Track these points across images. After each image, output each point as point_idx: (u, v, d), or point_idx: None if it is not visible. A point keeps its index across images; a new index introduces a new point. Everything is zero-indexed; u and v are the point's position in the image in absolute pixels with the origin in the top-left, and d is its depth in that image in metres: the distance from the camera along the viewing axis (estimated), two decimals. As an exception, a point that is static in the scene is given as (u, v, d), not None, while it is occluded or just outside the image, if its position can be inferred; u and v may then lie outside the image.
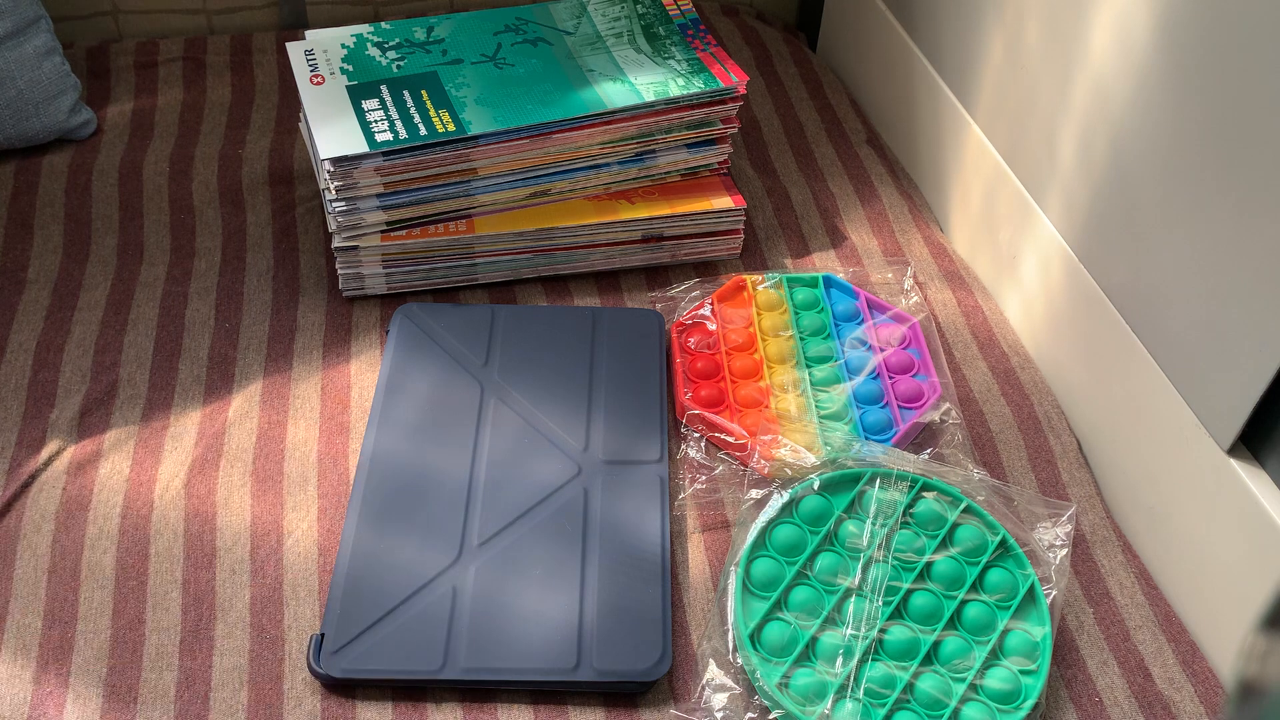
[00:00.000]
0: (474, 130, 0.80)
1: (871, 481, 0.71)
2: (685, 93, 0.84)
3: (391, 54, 0.87)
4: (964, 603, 0.66)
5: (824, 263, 0.91)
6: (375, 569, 0.65)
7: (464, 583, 0.65)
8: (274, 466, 0.74)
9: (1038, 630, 0.65)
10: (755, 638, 0.64)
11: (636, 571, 0.66)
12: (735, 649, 0.64)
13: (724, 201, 0.88)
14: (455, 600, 0.64)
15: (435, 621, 0.63)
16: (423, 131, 0.79)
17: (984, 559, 0.68)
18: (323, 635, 0.63)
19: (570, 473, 0.71)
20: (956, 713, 0.62)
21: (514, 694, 0.64)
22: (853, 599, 0.66)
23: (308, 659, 0.62)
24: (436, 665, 0.62)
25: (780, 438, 0.74)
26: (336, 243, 0.82)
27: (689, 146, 0.88)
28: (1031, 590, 0.67)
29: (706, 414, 0.76)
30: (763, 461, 0.73)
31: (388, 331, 0.81)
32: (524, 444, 0.73)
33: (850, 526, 0.69)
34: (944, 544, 0.69)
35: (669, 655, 0.63)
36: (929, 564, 0.68)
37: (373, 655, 0.62)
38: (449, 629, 0.63)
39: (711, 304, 0.84)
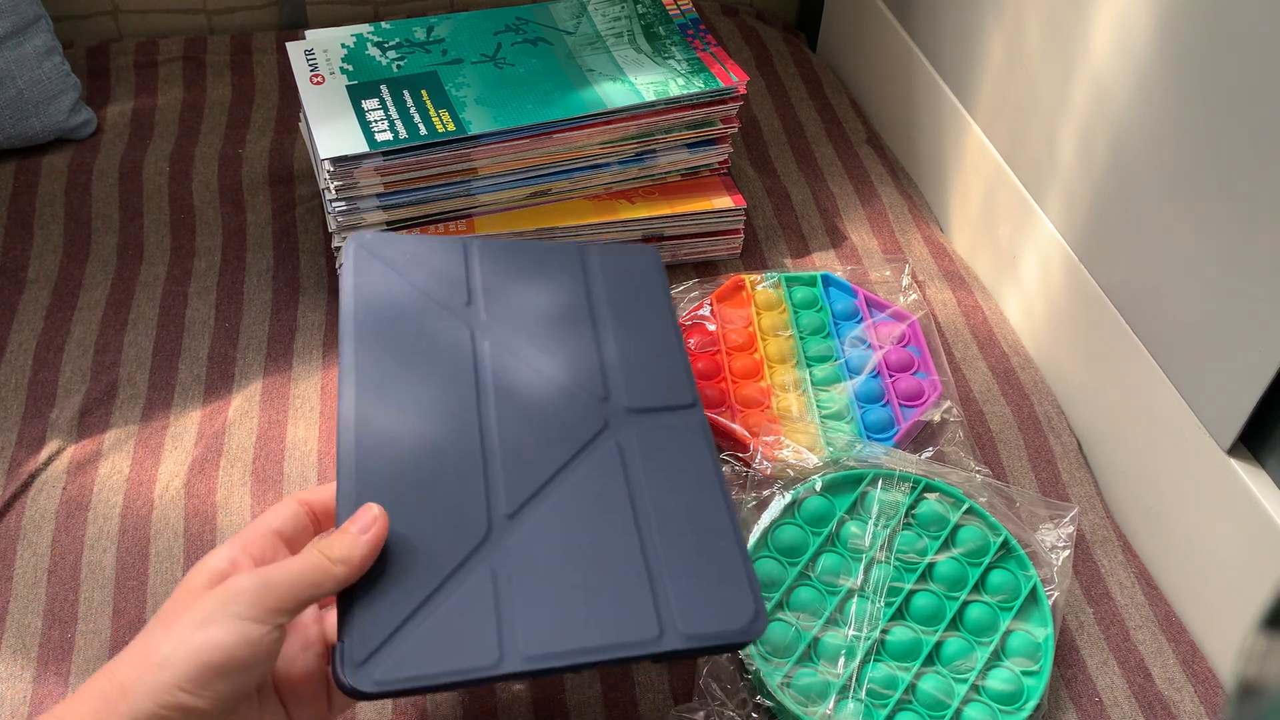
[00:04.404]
0: (474, 130, 0.80)
1: (874, 482, 0.71)
2: (685, 92, 0.84)
3: (391, 54, 0.87)
4: (966, 604, 0.66)
5: (824, 262, 0.91)
6: (389, 559, 0.53)
7: (502, 561, 0.54)
8: (274, 466, 0.74)
9: (1040, 631, 0.65)
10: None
11: (700, 526, 0.57)
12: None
13: (724, 201, 0.88)
14: (497, 581, 0.53)
15: (479, 609, 0.52)
16: (423, 131, 0.79)
17: (986, 560, 0.68)
18: (341, 643, 0.49)
19: (596, 426, 0.60)
20: (958, 713, 0.62)
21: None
22: (855, 599, 0.66)
23: (333, 673, 0.49)
24: (493, 659, 0.50)
25: (782, 438, 0.74)
26: (336, 243, 0.82)
27: (689, 146, 0.88)
28: (1034, 591, 0.67)
29: (708, 415, 0.76)
30: (765, 463, 0.73)
31: (339, 266, 0.67)
32: (535, 396, 0.61)
33: (852, 527, 0.69)
34: (946, 545, 0.69)
35: (763, 612, 0.54)
36: (931, 565, 0.68)
37: (410, 660, 0.50)
38: (497, 615, 0.52)
39: (710, 304, 0.84)
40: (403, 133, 0.79)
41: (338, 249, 0.82)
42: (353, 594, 0.51)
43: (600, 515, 0.57)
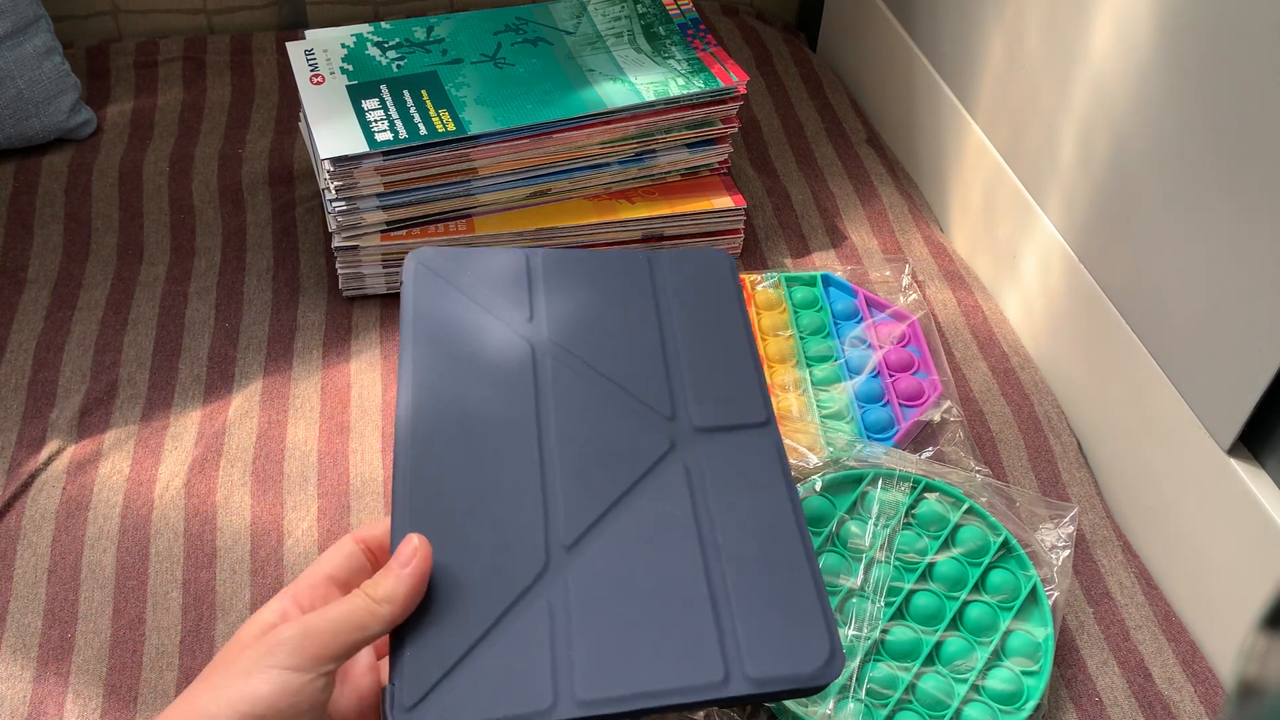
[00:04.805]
0: (474, 130, 0.80)
1: (874, 482, 0.71)
2: (685, 92, 0.84)
3: (391, 54, 0.87)
4: (966, 603, 0.66)
5: (824, 262, 0.91)
6: (441, 594, 0.50)
7: (560, 596, 0.51)
8: (274, 466, 0.74)
9: (1040, 631, 0.65)
10: (756, 638, 0.64)
11: (772, 558, 0.53)
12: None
13: (724, 201, 0.88)
14: (553, 619, 0.50)
15: (533, 649, 0.49)
16: (423, 131, 0.79)
17: (986, 560, 0.68)
18: (392, 685, 0.47)
19: (662, 447, 0.57)
20: (958, 713, 0.62)
21: None
22: (855, 599, 0.66)
23: (383, 718, 0.47)
24: (547, 702, 0.48)
25: (784, 439, 0.74)
26: (336, 242, 0.82)
27: (689, 146, 0.88)
28: (1034, 591, 0.67)
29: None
30: (763, 461, 0.73)
31: (400, 284, 0.65)
32: (598, 416, 0.57)
33: (852, 527, 0.69)
34: (946, 545, 0.69)
35: (839, 652, 0.50)
36: (931, 565, 0.68)
37: (462, 704, 0.47)
38: (552, 655, 0.49)
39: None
40: (403, 133, 0.79)
41: (338, 249, 0.82)
42: (403, 634, 0.48)
43: (664, 546, 0.53)
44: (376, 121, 0.80)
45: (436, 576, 0.50)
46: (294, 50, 0.86)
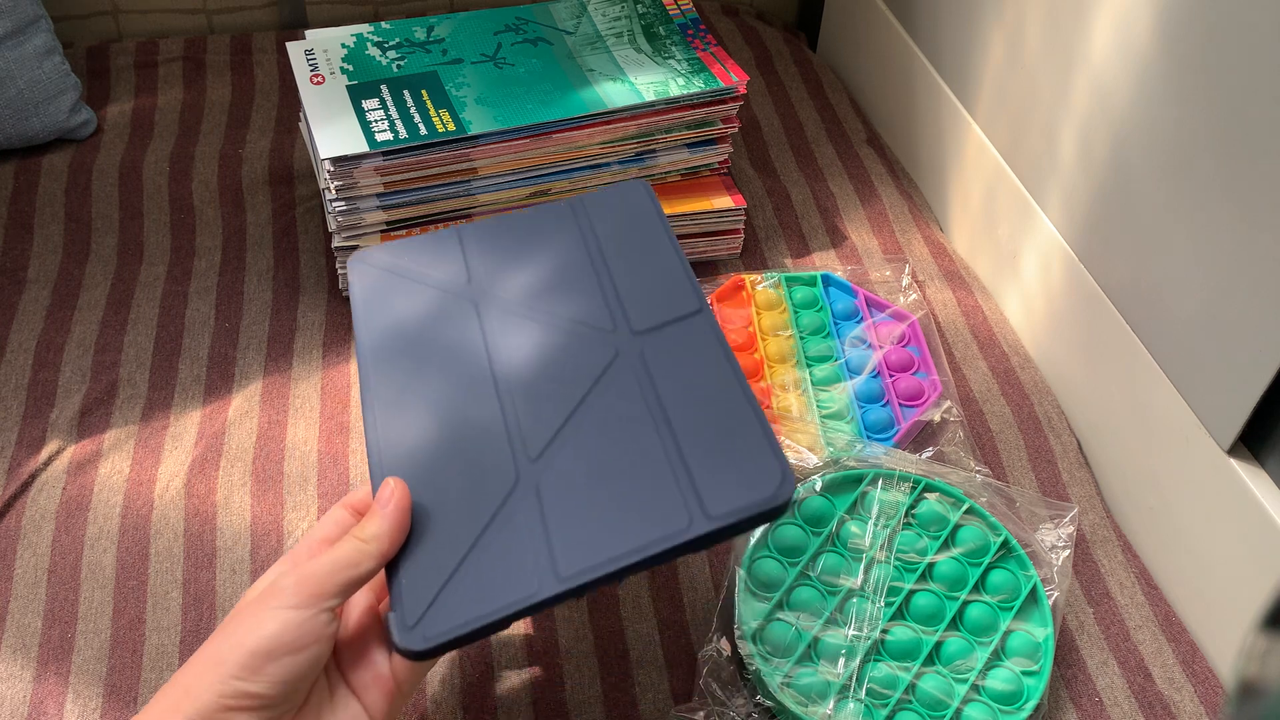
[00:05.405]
0: (474, 130, 0.80)
1: (874, 482, 0.71)
2: (685, 92, 0.84)
3: (391, 54, 0.87)
4: (966, 603, 0.66)
5: (824, 262, 0.91)
6: (425, 526, 0.55)
7: (532, 501, 0.55)
8: (274, 466, 0.74)
9: (1040, 631, 0.65)
10: (757, 638, 0.64)
11: (719, 413, 0.57)
12: (737, 649, 0.64)
13: (724, 201, 0.88)
14: (528, 520, 0.55)
15: (514, 549, 0.54)
16: (423, 131, 0.79)
17: (986, 560, 0.68)
18: (391, 613, 0.52)
19: (608, 356, 0.61)
20: (958, 713, 0.62)
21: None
22: (855, 599, 0.66)
23: (389, 643, 0.52)
24: (532, 588, 0.52)
25: (783, 438, 0.74)
26: (336, 242, 0.82)
27: (689, 146, 0.88)
28: (1034, 591, 0.67)
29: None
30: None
31: (348, 246, 0.71)
32: (544, 346, 0.62)
33: (852, 527, 0.69)
34: (946, 545, 0.69)
35: (790, 475, 0.54)
36: (931, 565, 0.68)
37: (456, 610, 0.52)
38: (533, 549, 0.53)
39: (710, 304, 0.84)
40: (403, 133, 0.79)
41: (338, 249, 0.82)
42: (396, 565, 0.53)
43: (622, 435, 0.57)
44: (376, 121, 0.80)
45: (418, 512, 0.55)
46: (294, 50, 0.86)
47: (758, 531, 0.68)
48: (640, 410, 0.58)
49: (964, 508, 0.70)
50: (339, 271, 0.84)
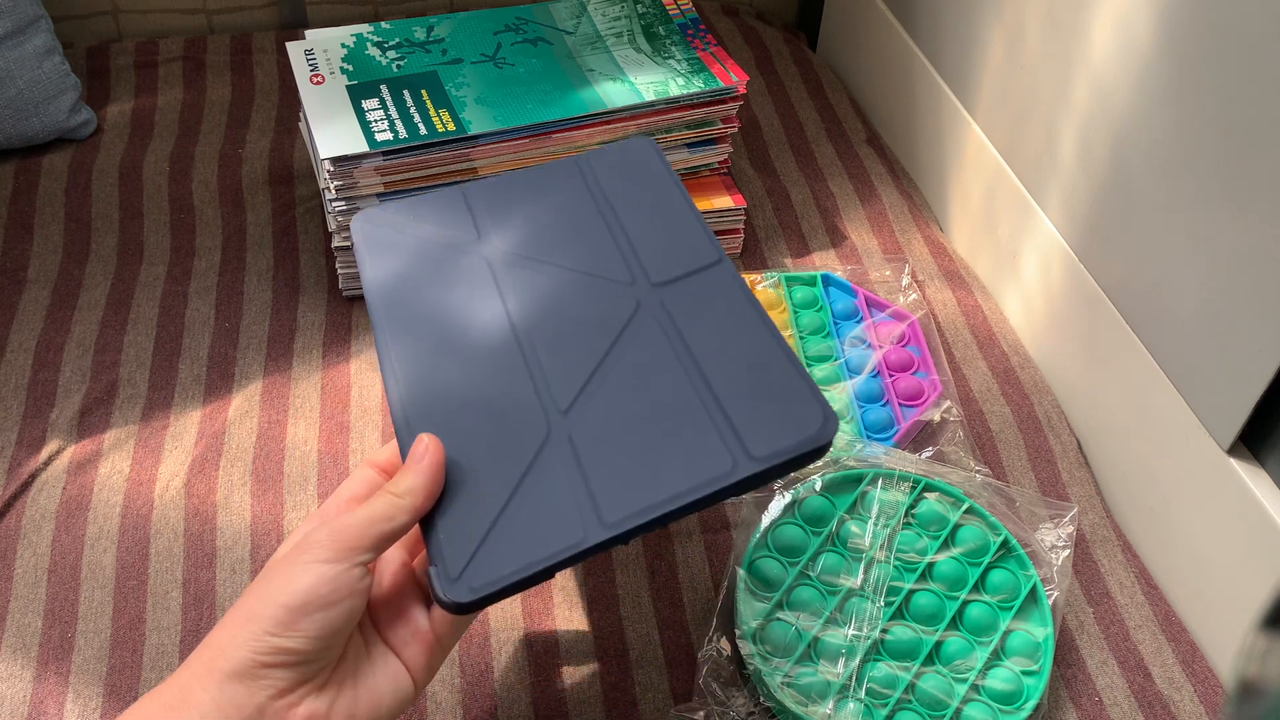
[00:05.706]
0: (474, 130, 0.80)
1: (873, 482, 0.71)
2: (685, 92, 0.84)
3: (391, 54, 0.87)
4: (966, 603, 0.66)
5: (824, 262, 0.91)
6: (459, 480, 0.54)
7: (568, 451, 0.55)
8: (274, 466, 0.74)
9: (1039, 631, 0.65)
10: (757, 638, 0.64)
11: (751, 359, 0.57)
12: (737, 649, 0.64)
13: (724, 201, 0.88)
14: (566, 469, 0.54)
15: (555, 498, 0.53)
16: (423, 131, 0.79)
17: (986, 560, 0.68)
18: (433, 567, 0.51)
19: (629, 309, 0.61)
20: (958, 713, 0.62)
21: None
22: (855, 599, 0.66)
23: (433, 596, 0.51)
24: (578, 535, 0.51)
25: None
26: (336, 242, 0.82)
27: (689, 146, 0.88)
28: (1033, 591, 0.67)
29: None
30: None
31: (348, 246, 0.69)
32: (564, 300, 0.61)
33: (852, 527, 0.69)
34: (946, 544, 0.69)
35: (832, 414, 0.54)
36: (931, 564, 0.68)
37: (500, 561, 0.51)
38: (574, 497, 0.53)
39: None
40: (403, 132, 0.79)
41: (338, 249, 0.82)
42: (433, 520, 0.52)
43: (653, 384, 0.57)
44: (376, 121, 0.80)
45: (450, 467, 0.54)
46: (294, 50, 0.86)
47: (757, 531, 0.68)
48: (669, 359, 0.58)
49: (964, 507, 0.70)
50: (339, 271, 0.84)
